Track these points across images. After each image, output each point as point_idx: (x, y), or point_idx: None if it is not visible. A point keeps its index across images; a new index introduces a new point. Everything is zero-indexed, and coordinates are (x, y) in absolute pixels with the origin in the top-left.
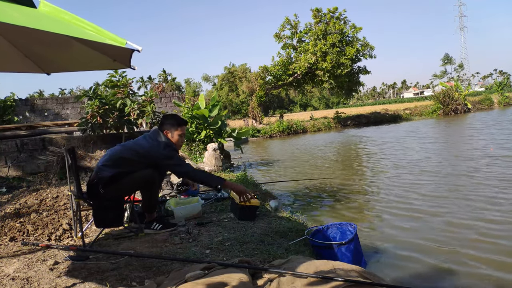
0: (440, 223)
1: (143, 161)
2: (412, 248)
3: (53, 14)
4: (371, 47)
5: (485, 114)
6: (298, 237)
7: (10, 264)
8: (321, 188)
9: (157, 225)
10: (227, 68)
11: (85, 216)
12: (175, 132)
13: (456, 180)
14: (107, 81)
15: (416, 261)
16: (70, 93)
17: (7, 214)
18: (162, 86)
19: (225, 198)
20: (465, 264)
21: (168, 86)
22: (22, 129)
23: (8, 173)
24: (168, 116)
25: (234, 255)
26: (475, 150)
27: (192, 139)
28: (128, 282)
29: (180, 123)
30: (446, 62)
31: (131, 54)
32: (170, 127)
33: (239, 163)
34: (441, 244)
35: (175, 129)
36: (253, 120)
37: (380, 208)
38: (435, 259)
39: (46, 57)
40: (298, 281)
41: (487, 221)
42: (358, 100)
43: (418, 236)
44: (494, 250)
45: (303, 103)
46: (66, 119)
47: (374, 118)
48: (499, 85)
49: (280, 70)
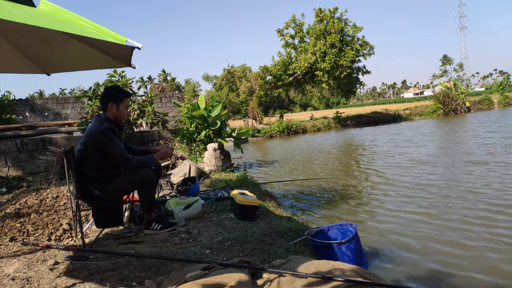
0: (440, 223)
1: (92, 152)
2: (413, 248)
3: (53, 13)
4: (370, 46)
5: (485, 114)
6: (298, 237)
7: (10, 264)
8: (321, 188)
9: (156, 225)
10: (226, 70)
11: (85, 216)
12: (120, 104)
13: (456, 180)
14: (107, 81)
15: (417, 261)
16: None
17: (7, 214)
18: (162, 86)
19: (225, 198)
20: (465, 264)
21: (168, 86)
22: (22, 129)
23: (8, 173)
24: (111, 88)
25: (234, 255)
26: (475, 150)
27: (192, 139)
28: (128, 282)
29: (124, 95)
30: (445, 63)
31: (132, 52)
32: (114, 99)
33: (239, 163)
34: (441, 244)
35: (119, 101)
36: (253, 120)
37: (380, 208)
38: (435, 259)
39: (46, 57)
40: (298, 281)
41: (487, 221)
42: (358, 100)
43: (418, 236)
44: (494, 250)
45: (303, 103)
46: (66, 119)
47: (374, 118)
48: (499, 85)
49: (280, 70)
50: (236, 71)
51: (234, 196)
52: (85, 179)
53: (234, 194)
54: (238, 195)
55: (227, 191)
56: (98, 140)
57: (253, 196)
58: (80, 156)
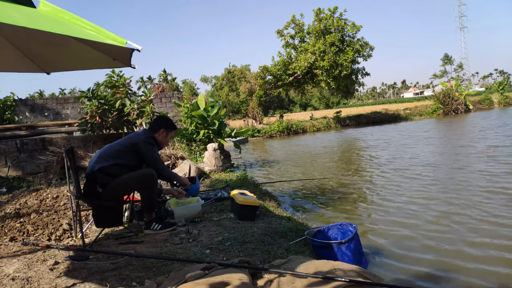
0: (440, 223)
1: (129, 150)
2: (413, 248)
3: (53, 14)
4: (370, 47)
5: (486, 114)
6: (298, 237)
7: (10, 264)
8: (321, 188)
9: (156, 225)
10: (227, 69)
11: (85, 216)
12: (169, 133)
13: (456, 180)
14: (106, 81)
15: (417, 260)
16: (70, 93)
17: (7, 214)
18: (162, 86)
19: (225, 198)
20: (465, 264)
21: (168, 86)
22: (22, 129)
23: (8, 173)
24: (167, 118)
25: (234, 255)
26: (475, 149)
27: (192, 139)
28: (128, 282)
29: (174, 127)
30: (446, 62)
31: (131, 53)
32: (167, 127)
33: (239, 163)
34: (441, 244)
35: (169, 131)
36: (253, 120)
37: (380, 207)
38: (435, 259)
39: (46, 57)
40: (298, 281)
41: (488, 221)
42: (358, 100)
43: (418, 236)
44: (494, 249)
45: (303, 103)
46: (66, 119)
47: (374, 118)
48: (499, 85)
49: (280, 70)
50: (236, 70)
51: (234, 196)
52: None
53: (234, 194)
54: (238, 195)
55: (227, 191)
56: (141, 142)
57: (253, 196)
58: (118, 149)
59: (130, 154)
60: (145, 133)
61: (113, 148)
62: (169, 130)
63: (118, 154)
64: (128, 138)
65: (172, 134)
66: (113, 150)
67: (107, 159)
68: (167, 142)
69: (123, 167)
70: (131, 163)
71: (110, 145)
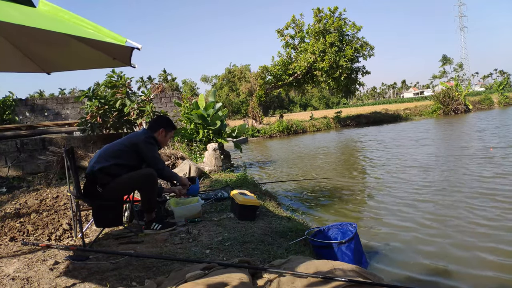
0: (441, 223)
1: (129, 150)
2: (413, 248)
3: (52, 13)
4: (370, 47)
5: (486, 113)
6: (298, 237)
7: (10, 264)
8: (320, 188)
9: (156, 225)
10: (228, 69)
11: (85, 216)
12: (168, 133)
13: (456, 180)
14: (106, 81)
15: (417, 260)
16: (70, 93)
17: (7, 214)
18: (162, 86)
19: (225, 198)
20: (465, 264)
21: (168, 86)
22: (22, 129)
23: (8, 173)
24: (166, 118)
25: (234, 255)
26: (475, 149)
27: (192, 139)
28: (128, 282)
29: (174, 127)
30: (444, 63)
31: (131, 52)
32: (166, 127)
33: (239, 163)
34: (441, 244)
35: (169, 130)
36: (253, 120)
37: (380, 207)
38: (435, 259)
39: (45, 56)
40: (298, 281)
41: (488, 221)
42: (358, 100)
43: (418, 236)
44: (494, 250)
45: (303, 103)
46: (66, 119)
47: (374, 118)
48: (499, 85)
49: (280, 70)
50: (236, 70)
51: (234, 196)
52: (98, 172)
53: (234, 194)
54: (238, 195)
55: (227, 191)
56: (141, 141)
57: (253, 196)
58: (118, 148)
59: (130, 154)
60: (145, 133)
61: (113, 148)
62: (168, 129)
63: (118, 154)
64: (128, 138)
65: (172, 134)
66: (113, 150)
67: (107, 159)
68: (166, 141)
69: (123, 167)
70: (131, 163)
71: (110, 145)
